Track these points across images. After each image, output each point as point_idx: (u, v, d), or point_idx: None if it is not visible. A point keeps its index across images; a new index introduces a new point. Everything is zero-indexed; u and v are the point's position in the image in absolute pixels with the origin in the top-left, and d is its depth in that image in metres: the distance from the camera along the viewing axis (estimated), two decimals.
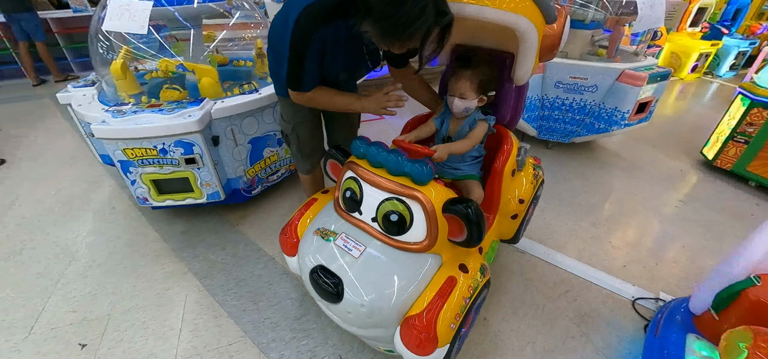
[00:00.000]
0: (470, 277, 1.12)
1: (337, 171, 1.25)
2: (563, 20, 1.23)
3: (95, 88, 2.11)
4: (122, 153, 1.72)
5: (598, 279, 1.81)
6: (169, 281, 1.77)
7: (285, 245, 1.33)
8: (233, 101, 1.87)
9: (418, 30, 0.98)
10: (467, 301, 1.08)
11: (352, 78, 1.48)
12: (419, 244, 1.07)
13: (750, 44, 5.73)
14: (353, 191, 1.13)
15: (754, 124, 2.50)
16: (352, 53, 1.26)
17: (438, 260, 1.12)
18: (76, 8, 4.56)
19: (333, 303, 1.06)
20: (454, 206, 1.02)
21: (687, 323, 1.27)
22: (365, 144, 1.12)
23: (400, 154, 1.07)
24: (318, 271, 1.08)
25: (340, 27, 1.12)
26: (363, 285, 1.03)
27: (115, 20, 1.71)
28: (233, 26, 2.24)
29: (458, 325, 1.06)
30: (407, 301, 1.04)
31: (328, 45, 1.17)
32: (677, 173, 2.87)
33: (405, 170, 1.04)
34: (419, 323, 1.00)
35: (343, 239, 1.12)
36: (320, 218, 1.25)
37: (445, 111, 1.43)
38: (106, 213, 2.25)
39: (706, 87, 5.44)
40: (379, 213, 1.08)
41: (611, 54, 2.80)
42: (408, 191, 1.03)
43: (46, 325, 1.56)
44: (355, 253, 1.07)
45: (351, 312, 1.05)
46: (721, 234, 2.19)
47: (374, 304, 1.01)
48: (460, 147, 1.31)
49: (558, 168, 2.83)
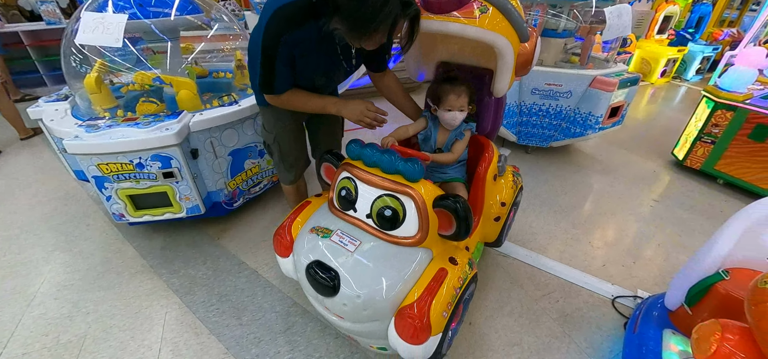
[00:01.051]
0: (460, 269, 1.17)
1: (331, 174, 1.30)
2: (535, 40, 1.35)
3: (68, 102, 2.04)
4: (96, 169, 1.68)
5: (579, 280, 1.86)
6: (148, 299, 1.72)
7: (279, 246, 1.33)
8: (212, 113, 1.85)
9: (383, 22, 1.02)
10: (458, 291, 1.13)
11: (331, 82, 1.48)
12: (412, 238, 1.11)
13: (713, 50, 6.03)
14: (349, 190, 1.18)
15: (718, 125, 2.63)
16: (325, 53, 1.27)
17: (429, 254, 1.16)
18: (50, 21, 4.42)
19: (329, 296, 1.08)
20: (444, 201, 1.09)
21: (663, 318, 1.31)
22: (360, 146, 1.18)
23: (394, 153, 1.12)
24: (314, 266, 1.10)
25: (311, 29, 1.14)
26: (358, 277, 1.06)
27: (88, 33, 1.66)
28: (212, 38, 2.21)
29: (450, 314, 1.10)
30: (401, 293, 1.07)
31: (299, 47, 1.19)
32: (650, 174, 2.99)
33: (398, 168, 1.10)
34: (412, 312, 1.03)
35: (338, 235, 1.15)
36: (315, 218, 1.27)
37: (431, 125, 1.49)
38: (81, 230, 2.17)
39: (675, 91, 5.69)
40: (374, 210, 1.13)
41: (584, 61, 2.91)
42: (401, 188, 1.10)
43: (18, 350, 1.48)
44: (351, 248, 1.11)
45: (347, 304, 1.07)
46: (693, 231, 2.28)
47: (369, 296, 1.04)
48: (446, 158, 1.44)
49: (538, 172, 2.90)
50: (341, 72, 1.40)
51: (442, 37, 1.47)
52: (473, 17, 1.22)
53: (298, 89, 1.33)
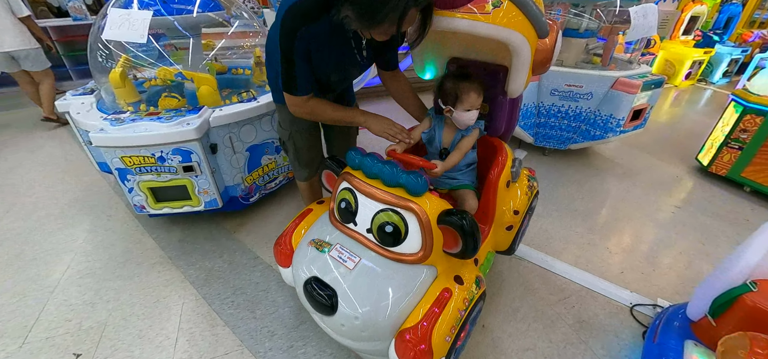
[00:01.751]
0: (465, 289, 1.11)
1: (333, 182, 1.25)
2: (555, 35, 1.25)
3: (94, 96, 2.11)
4: (120, 161, 1.72)
5: (596, 286, 1.82)
6: (166, 289, 1.76)
7: (279, 257, 1.31)
8: (231, 109, 1.88)
9: (392, 11, 0.99)
10: (462, 314, 1.07)
11: (346, 78, 1.47)
12: (414, 255, 1.06)
13: (742, 52, 5.81)
14: (348, 202, 1.12)
15: (747, 130, 2.53)
16: (339, 46, 1.26)
17: (433, 271, 1.10)
18: (76, 17, 4.57)
19: (327, 315, 1.05)
20: (449, 217, 1.02)
21: (685, 329, 1.27)
22: (360, 155, 1.12)
23: (395, 165, 1.06)
24: (312, 283, 1.07)
25: (324, 23, 1.14)
26: (357, 297, 1.02)
27: (115, 29, 1.71)
28: (232, 35, 2.25)
29: (454, 338, 1.04)
30: (402, 314, 1.02)
31: (313, 42, 1.18)
32: (673, 179, 2.90)
33: (400, 181, 1.04)
34: (414, 336, 0.98)
35: (337, 250, 1.11)
36: (315, 229, 1.24)
37: (436, 124, 1.42)
38: (103, 221, 2.24)
39: (700, 94, 5.50)
40: (374, 224, 1.07)
41: (606, 62, 2.83)
42: (403, 203, 1.03)
43: (41, 334, 1.54)
44: (350, 265, 1.06)
45: (344, 325, 1.03)
46: (717, 240, 2.20)
47: (368, 317, 1.00)
48: (454, 159, 1.34)
49: (555, 175, 2.85)
50: (355, 66, 1.39)
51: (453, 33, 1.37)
52: (486, 12, 1.10)
53: (321, 99, 1.32)
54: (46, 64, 3.41)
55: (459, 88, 1.29)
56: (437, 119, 1.42)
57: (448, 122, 1.39)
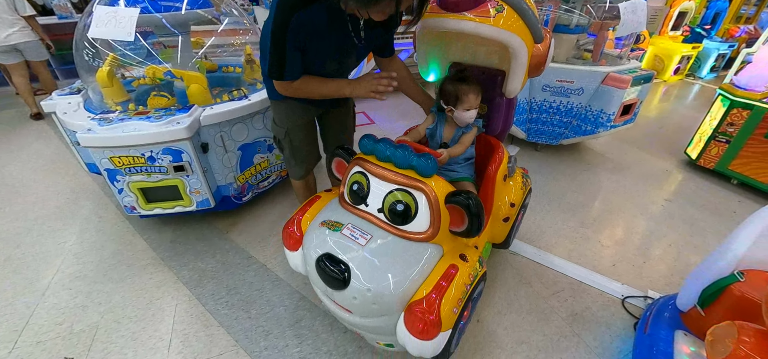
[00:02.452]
0: (470, 266, 1.16)
1: (343, 169, 1.30)
2: (549, 40, 1.32)
3: (81, 96, 2.07)
4: (109, 162, 1.70)
5: (588, 279, 1.84)
6: (159, 290, 1.74)
7: (288, 240, 1.33)
8: (222, 107, 1.86)
9: None
10: (468, 287, 1.12)
11: (342, 66, 1.46)
12: (423, 234, 1.11)
13: (729, 47, 5.91)
14: (360, 184, 1.18)
15: (734, 124, 2.57)
16: (336, 32, 1.25)
17: (440, 250, 1.16)
18: (61, 15, 4.48)
19: (339, 289, 1.08)
20: (456, 197, 1.09)
21: (675, 320, 1.29)
22: (373, 141, 1.19)
23: (408, 148, 1.12)
24: (324, 259, 1.10)
25: (320, 8, 1.13)
26: (369, 271, 1.06)
27: (101, 27, 1.68)
28: (222, 33, 2.23)
29: (460, 310, 1.09)
30: (410, 288, 1.07)
31: (308, 28, 1.17)
32: (662, 173, 2.94)
33: (412, 163, 1.10)
34: (422, 307, 1.03)
35: (349, 229, 1.15)
36: (325, 212, 1.27)
37: (438, 120, 1.49)
38: (93, 222, 2.20)
39: (688, 89, 5.59)
40: (386, 204, 1.13)
41: (596, 57, 2.86)
42: (414, 183, 1.10)
43: (32, 338, 1.52)
44: (362, 241, 1.11)
45: (356, 298, 1.07)
46: (706, 232, 2.25)
47: (379, 289, 1.04)
48: (458, 150, 1.42)
49: (547, 170, 2.87)
50: (352, 53, 1.39)
51: (456, 36, 1.45)
52: (488, 16, 1.22)
53: (308, 76, 1.31)
54: (44, 55, 3.89)
55: (459, 90, 1.36)
56: (439, 116, 1.49)
57: (449, 120, 1.47)
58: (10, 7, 3.40)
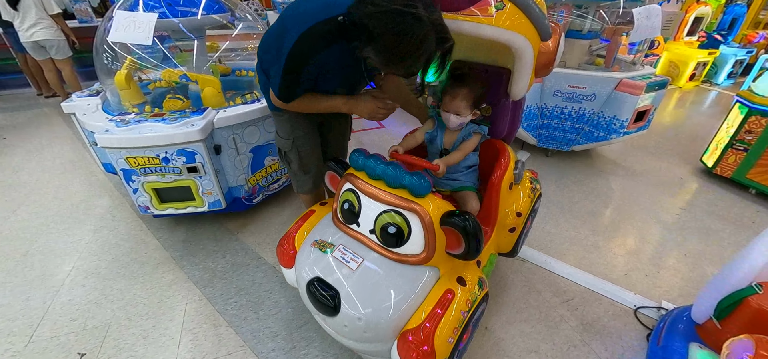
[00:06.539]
0: (468, 290, 1.11)
1: (336, 183, 1.25)
2: (558, 38, 1.24)
3: (99, 97, 2.13)
4: (125, 162, 1.74)
5: (600, 288, 1.81)
6: (170, 289, 1.77)
7: (282, 258, 1.31)
8: (235, 110, 1.89)
9: (420, 58, 1.00)
10: (465, 315, 1.07)
11: (350, 92, 1.44)
12: (417, 256, 1.06)
13: (747, 53, 5.78)
14: (351, 203, 1.13)
15: (752, 132, 2.51)
16: (350, 70, 1.26)
17: (436, 272, 1.11)
18: (82, 19, 4.62)
19: (330, 315, 1.05)
20: (452, 218, 1.02)
21: (689, 332, 1.26)
22: (363, 156, 1.12)
23: (399, 166, 1.06)
24: (315, 283, 1.07)
25: (342, 48, 1.12)
26: (360, 297, 1.02)
27: (120, 31, 1.73)
28: (236, 37, 2.27)
29: (456, 339, 1.04)
30: (404, 314, 1.02)
31: (325, 67, 1.18)
32: (677, 181, 2.88)
33: (403, 182, 1.04)
34: (416, 337, 0.98)
35: (340, 251, 1.11)
36: (318, 230, 1.24)
37: (438, 125, 1.42)
38: (108, 221, 2.25)
39: (704, 95, 5.47)
40: (377, 225, 1.07)
41: (609, 63, 2.83)
42: (406, 204, 1.03)
43: (47, 333, 1.56)
44: (353, 265, 1.06)
45: (347, 326, 1.03)
46: (722, 242, 2.19)
47: (371, 317, 1.00)
48: (455, 158, 1.34)
49: (558, 176, 2.84)
50: (362, 84, 1.40)
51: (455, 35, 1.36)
52: (489, 15, 1.09)
53: (307, 94, 1.29)
54: (68, 53, 4.06)
55: (445, 94, 1.31)
56: (440, 120, 1.42)
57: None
58: (37, 6, 3.59)
